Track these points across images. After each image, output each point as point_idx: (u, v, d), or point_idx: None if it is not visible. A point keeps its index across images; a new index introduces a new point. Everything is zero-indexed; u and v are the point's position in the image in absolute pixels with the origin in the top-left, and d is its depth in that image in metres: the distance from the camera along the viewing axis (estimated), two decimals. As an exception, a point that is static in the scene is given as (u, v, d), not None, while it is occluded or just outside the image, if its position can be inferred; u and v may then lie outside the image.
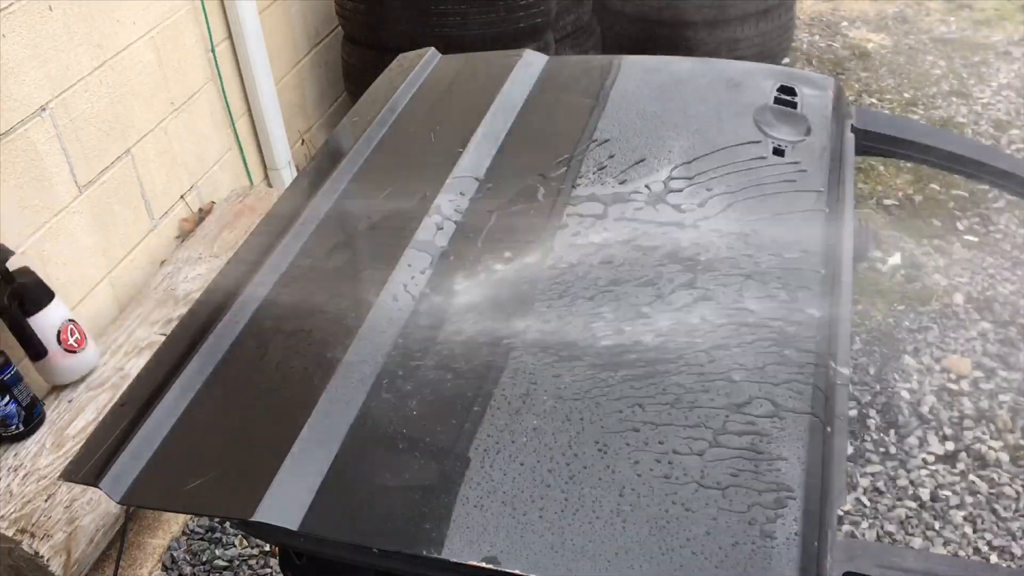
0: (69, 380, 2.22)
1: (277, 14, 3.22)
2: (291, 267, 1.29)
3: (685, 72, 1.68)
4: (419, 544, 0.90)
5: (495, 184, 1.42)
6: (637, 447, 0.98)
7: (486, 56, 1.84)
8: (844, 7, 4.89)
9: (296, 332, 1.19)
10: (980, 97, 3.98)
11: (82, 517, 1.94)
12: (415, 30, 3.08)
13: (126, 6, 2.46)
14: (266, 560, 2.23)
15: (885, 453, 2.39)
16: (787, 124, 1.51)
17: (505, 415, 1.03)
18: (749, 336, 1.11)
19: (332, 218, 1.39)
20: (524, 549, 0.89)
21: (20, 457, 2.04)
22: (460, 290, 1.21)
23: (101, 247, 2.47)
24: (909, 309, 2.84)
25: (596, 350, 1.09)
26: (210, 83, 2.89)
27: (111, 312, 2.52)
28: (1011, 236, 3.13)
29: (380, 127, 1.59)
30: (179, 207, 2.81)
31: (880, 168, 3.50)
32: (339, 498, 0.96)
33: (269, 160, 3.24)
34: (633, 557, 0.87)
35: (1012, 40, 4.44)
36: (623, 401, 1.03)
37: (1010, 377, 2.57)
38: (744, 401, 1.02)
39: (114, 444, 1.03)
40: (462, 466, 0.97)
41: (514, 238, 1.29)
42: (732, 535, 0.89)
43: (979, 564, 1.94)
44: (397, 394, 1.07)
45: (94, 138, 2.37)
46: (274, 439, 1.00)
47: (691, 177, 1.38)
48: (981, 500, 2.25)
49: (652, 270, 1.21)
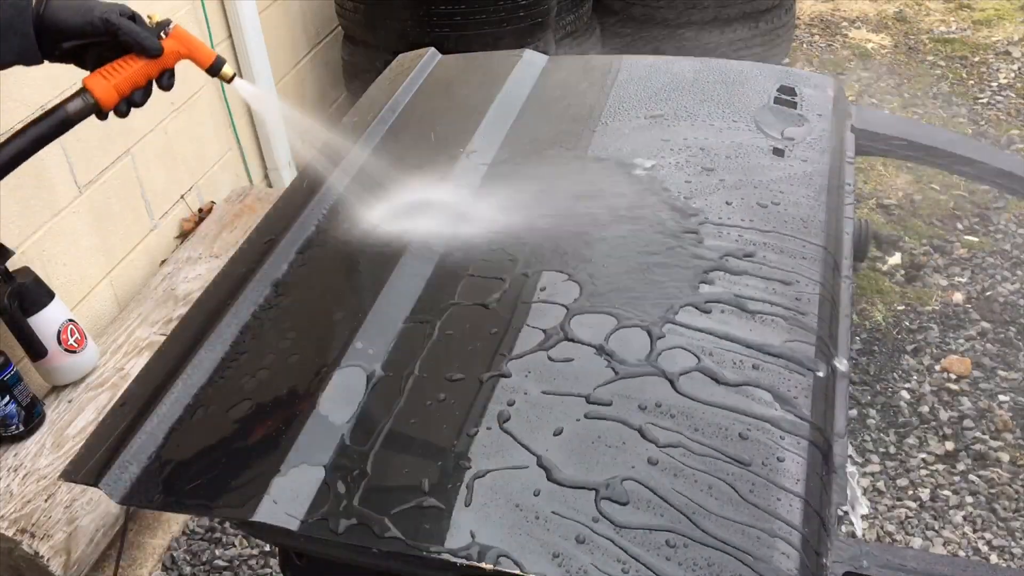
0: (69, 380, 2.22)
1: (277, 14, 3.22)
2: (291, 267, 1.29)
3: (685, 72, 1.68)
4: (420, 544, 0.90)
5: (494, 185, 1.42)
6: (638, 442, 0.98)
7: (486, 56, 1.84)
8: (844, 7, 4.88)
9: (296, 332, 1.19)
10: (980, 97, 3.98)
11: (82, 517, 1.94)
12: (415, 30, 3.08)
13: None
14: (266, 560, 2.23)
15: (885, 453, 2.39)
16: (787, 124, 1.51)
17: (508, 407, 1.03)
18: (749, 331, 1.11)
19: (333, 218, 1.39)
20: (525, 549, 0.89)
21: (20, 457, 2.04)
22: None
23: (101, 247, 2.47)
24: (909, 309, 2.84)
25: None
26: (210, 83, 2.89)
27: (111, 312, 2.52)
28: (1011, 236, 3.13)
29: (380, 127, 1.59)
30: (179, 207, 2.81)
31: (880, 168, 3.50)
32: (338, 498, 0.96)
33: (269, 160, 3.24)
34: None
35: (1012, 40, 4.44)
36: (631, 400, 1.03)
37: (1009, 377, 2.57)
38: (743, 399, 1.02)
39: (114, 444, 1.03)
40: (461, 467, 0.97)
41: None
42: (732, 535, 0.89)
43: (979, 564, 1.94)
44: (396, 394, 1.07)
45: (94, 138, 2.37)
46: (274, 439, 1.00)
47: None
48: (981, 500, 2.25)
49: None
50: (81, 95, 1.09)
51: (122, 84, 1.09)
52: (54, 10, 1.05)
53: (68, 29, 1.05)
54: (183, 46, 1.13)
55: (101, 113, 1.10)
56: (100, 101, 1.09)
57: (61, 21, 1.05)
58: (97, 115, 1.10)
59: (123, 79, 1.09)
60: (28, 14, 1.03)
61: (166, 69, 1.12)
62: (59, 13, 1.05)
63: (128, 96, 1.10)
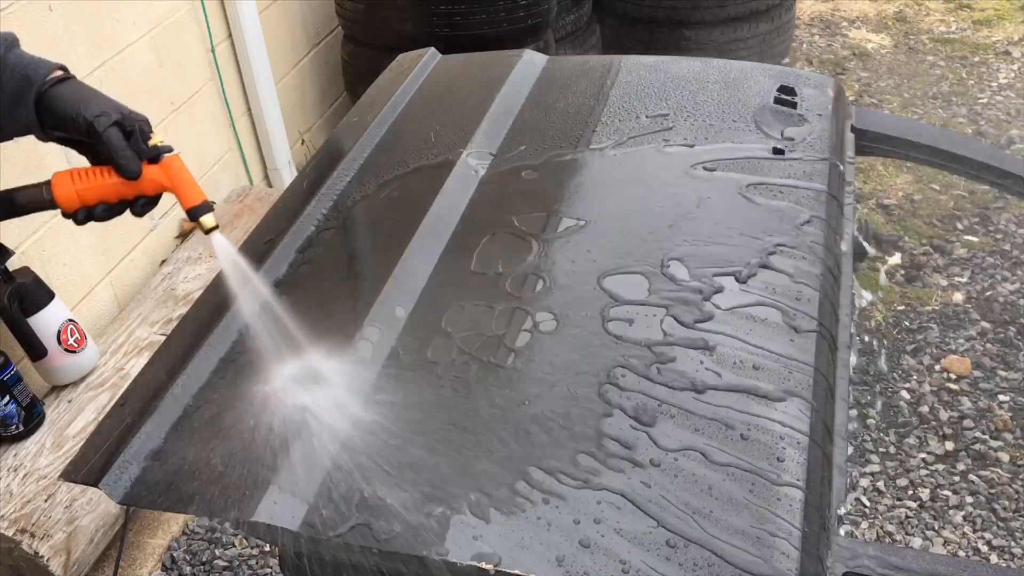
0: (69, 380, 2.22)
1: (277, 14, 3.22)
2: (291, 267, 1.29)
3: (685, 72, 1.68)
4: (420, 544, 0.90)
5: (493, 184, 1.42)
6: (639, 440, 0.98)
7: (486, 56, 1.83)
8: (844, 7, 4.89)
9: (296, 332, 1.18)
10: (980, 97, 3.99)
11: (82, 517, 1.94)
12: (415, 30, 3.08)
13: (126, 6, 2.46)
14: (266, 560, 2.23)
15: (885, 453, 2.39)
16: (787, 124, 1.51)
17: (500, 410, 1.03)
18: (748, 328, 1.11)
19: (332, 219, 1.39)
20: (526, 549, 0.89)
21: (20, 457, 2.04)
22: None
23: (101, 247, 2.47)
24: (909, 309, 2.84)
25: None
26: (210, 83, 2.89)
27: (111, 312, 2.52)
28: (1011, 236, 3.13)
29: (380, 127, 1.59)
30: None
31: (880, 168, 3.50)
32: (339, 498, 0.96)
33: (269, 160, 3.24)
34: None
35: (1012, 40, 4.44)
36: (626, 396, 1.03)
37: (1009, 377, 2.57)
38: (743, 399, 1.02)
39: (114, 444, 1.03)
40: (462, 468, 0.97)
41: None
42: (732, 535, 0.89)
43: (979, 564, 1.94)
44: (394, 395, 1.07)
45: (94, 138, 2.37)
46: (274, 439, 1.00)
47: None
48: (981, 500, 2.25)
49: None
50: (44, 187, 1.03)
51: (86, 193, 1.02)
52: (54, 95, 1.01)
53: (55, 118, 1.01)
54: (169, 179, 1.05)
55: (62, 212, 1.04)
56: (58, 201, 1.02)
57: (55, 108, 1.01)
58: (56, 210, 1.04)
59: (90, 188, 1.02)
60: (31, 91, 1.00)
61: (142, 196, 1.05)
62: (56, 99, 1.01)
63: (91, 207, 1.04)
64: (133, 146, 1.02)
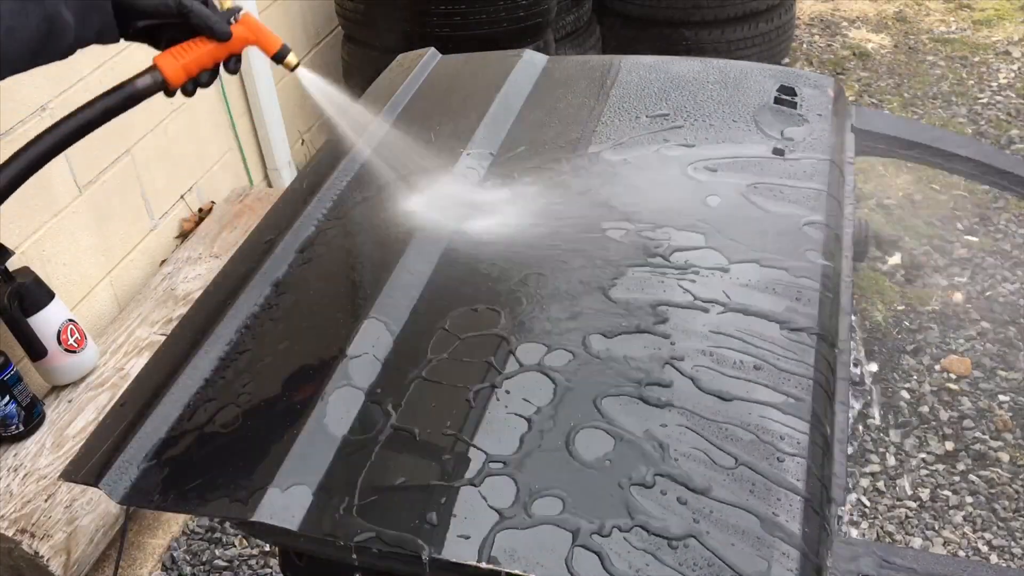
0: (69, 380, 2.22)
1: (277, 14, 3.22)
2: (291, 267, 1.29)
3: (685, 72, 1.68)
4: (419, 544, 0.90)
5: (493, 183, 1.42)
6: (641, 439, 0.98)
7: (486, 56, 1.83)
8: (844, 7, 4.89)
9: (296, 332, 1.19)
10: (980, 97, 3.99)
11: (82, 517, 1.94)
12: (415, 30, 3.08)
13: (126, 6, 2.46)
14: (266, 560, 2.23)
15: (885, 453, 2.39)
16: (787, 124, 1.51)
17: (502, 409, 1.03)
18: (749, 328, 1.11)
19: (332, 220, 1.39)
20: (527, 550, 0.89)
21: (20, 457, 2.04)
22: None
23: (101, 247, 2.47)
24: (909, 309, 2.84)
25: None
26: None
27: (111, 312, 2.52)
28: (1011, 236, 3.13)
29: (380, 127, 1.58)
30: (179, 207, 2.81)
31: (880, 168, 3.50)
32: (339, 498, 0.96)
33: (269, 160, 3.24)
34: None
35: (1012, 40, 4.44)
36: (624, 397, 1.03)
37: (1009, 377, 2.57)
38: (743, 399, 1.02)
39: (114, 444, 1.03)
40: (462, 467, 0.97)
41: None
42: (732, 535, 0.89)
43: (979, 564, 1.94)
44: (397, 395, 1.07)
45: (94, 138, 2.36)
46: (274, 439, 1.00)
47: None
48: (981, 500, 2.25)
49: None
50: (151, 72, 1.12)
51: (191, 64, 1.12)
52: None
53: (143, 9, 1.09)
54: (251, 33, 1.17)
55: (168, 90, 1.14)
56: (168, 79, 1.12)
57: (137, 1, 1.09)
58: (165, 92, 1.14)
59: (192, 60, 1.12)
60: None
61: (233, 54, 1.16)
62: None
63: (195, 76, 1.14)
64: (214, 13, 1.12)
